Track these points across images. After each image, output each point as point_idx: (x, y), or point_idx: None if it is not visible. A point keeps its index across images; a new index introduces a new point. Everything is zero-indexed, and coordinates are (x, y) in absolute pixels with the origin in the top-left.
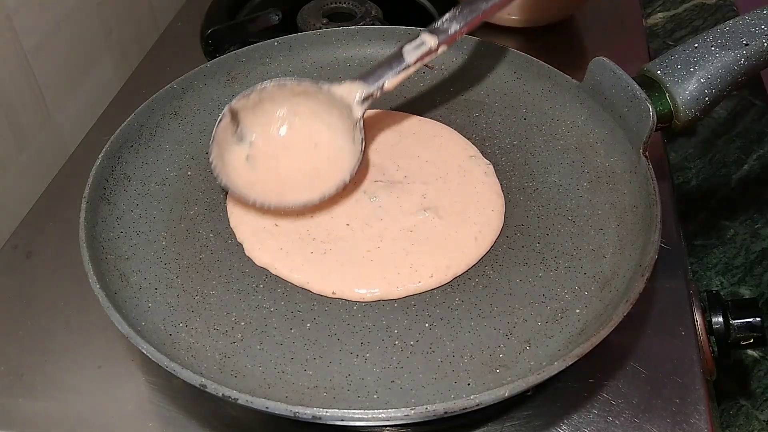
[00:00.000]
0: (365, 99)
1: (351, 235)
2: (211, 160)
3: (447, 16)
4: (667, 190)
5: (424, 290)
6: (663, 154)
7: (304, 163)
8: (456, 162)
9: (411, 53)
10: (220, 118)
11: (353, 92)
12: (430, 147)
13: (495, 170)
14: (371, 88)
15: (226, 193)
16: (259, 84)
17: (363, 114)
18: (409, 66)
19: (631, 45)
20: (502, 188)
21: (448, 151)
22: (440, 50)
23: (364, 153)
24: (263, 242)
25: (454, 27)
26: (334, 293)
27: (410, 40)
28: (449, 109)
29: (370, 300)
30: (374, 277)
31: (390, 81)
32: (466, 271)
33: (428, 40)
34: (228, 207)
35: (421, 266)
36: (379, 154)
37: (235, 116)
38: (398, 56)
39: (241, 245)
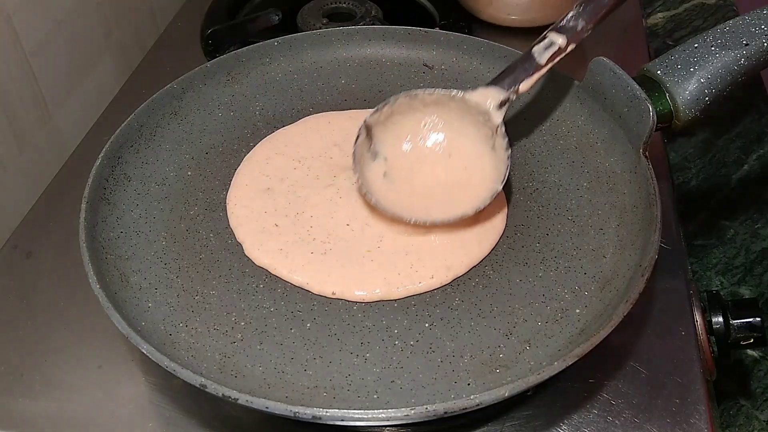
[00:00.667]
0: (502, 104)
1: (351, 235)
2: (357, 180)
3: (571, 13)
4: (667, 190)
5: (425, 291)
6: (663, 154)
7: (442, 176)
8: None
9: (542, 54)
10: (357, 135)
11: (488, 98)
12: None
13: None
14: (507, 92)
15: (226, 192)
16: (392, 96)
17: (503, 119)
18: (541, 67)
19: (631, 45)
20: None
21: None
22: (569, 48)
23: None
24: (263, 243)
25: (581, 23)
26: (333, 294)
27: (538, 42)
28: None
29: (371, 300)
30: (375, 278)
31: (524, 83)
32: (467, 271)
33: (557, 40)
34: (228, 207)
35: (421, 267)
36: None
37: (369, 132)
38: (529, 58)
39: (241, 245)
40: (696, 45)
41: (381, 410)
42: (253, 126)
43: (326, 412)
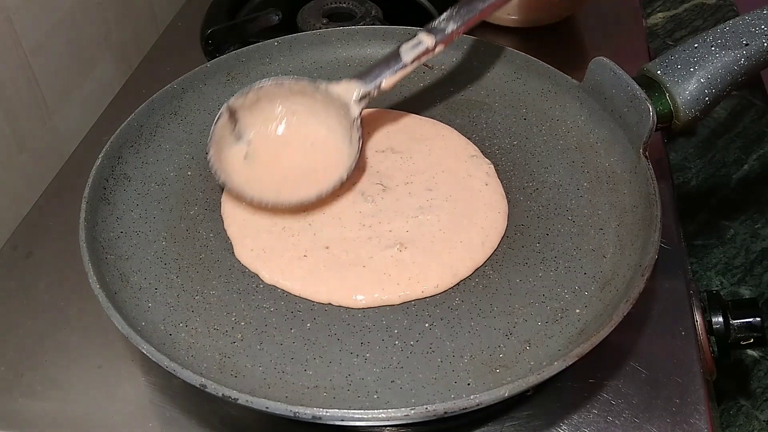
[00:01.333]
0: (362, 98)
1: (350, 240)
2: (209, 158)
3: (444, 15)
4: (667, 190)
5: (427, 296)
6: (663, 154)
7: (300, 162)
8: (458, 162)
9: (408, 53)
10: (217, 116)
11: (350, 91)
12: (431, 147)
13: (495, 170)
14: (368, 87)
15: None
16: (257, 82)
17: (360, 113)
18: (406, 65)
19: (631, 45)
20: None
21: (449, 151)
22: (437, 50)
23: (363, 153)
24: (261, 258)
25: (452, 27)
26: (330, 303)
27: (407, 40)
28: (449, 109)
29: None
30: (373, 288)
31: (387, 80)
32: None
33: (425, 40)
34: (223, 213)
35: (424, 279)
36: (379, 153)
37: (233, 115)
38: (395, 55)
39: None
40: (696, 45)
41: (381, 410)
42: None
43: (326, 412)
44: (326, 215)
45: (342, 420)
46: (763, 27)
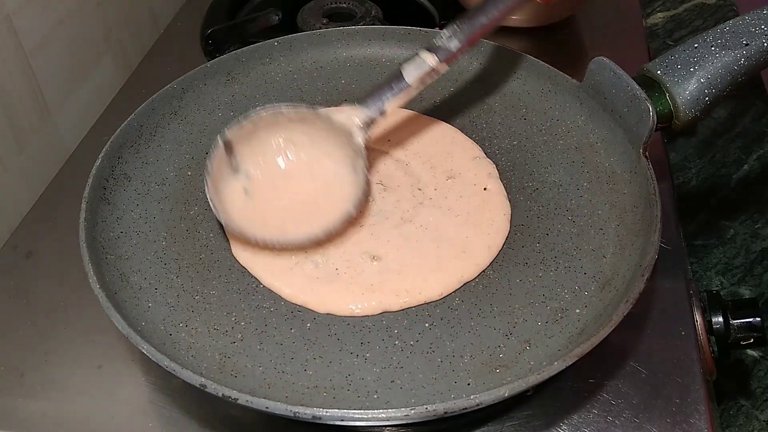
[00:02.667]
0: (366, 124)
1: (349, 242)
2: (207, 194)
3: (446, 32)
4: (667, 190)
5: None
6: (663, 154)
7: (302, 195)
8: (462, 164)
9: (411, 74)
10: (212, 149)
11: (353, 118)
12: (434, 147)
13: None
14: (371, 112)
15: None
16: (253, 112)
17: (365, 140)
18: (409, 87)
19: (631, 45)
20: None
21: (453, 152)
22: (441, 69)
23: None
24: (265, 264)
25: (454, 44)
26: (331, 314)
27: (409, 60)
28: (449, 109)
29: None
30: (371, 298)
31: (390, 103)
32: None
33: (428, 59)
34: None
35: (426, 288)
36: (379, 153)
37: (229, 147)
38: (398, 77)
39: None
40: (696, 45)
41: (381, 410)
42: None
43: (326, 412)
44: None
45: (342, 420)
46: (763, 27)
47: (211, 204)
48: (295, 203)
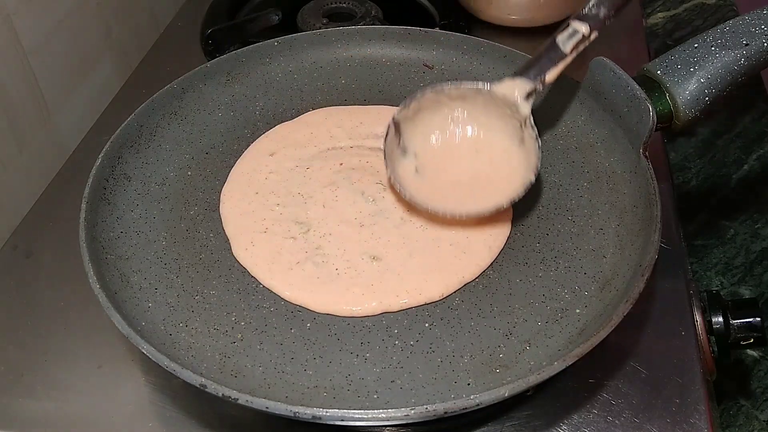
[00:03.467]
0: (529, 95)
1: (349, 244)
2: (389, 176)
3: (592, 1)
4: (667, 190)
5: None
6: (663, 154)
7: (470, 169)
8: None
9: (566, 43)
10: (385, 132)
11: (515, 90)
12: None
13: None
14: (533, 82)
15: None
16: (418, 91)
17: (530, 111)
18: (566, 56)
19: (631, 45)
20: None
21: None
22: (593, 36)
23: (361, 153)
24: (264, 264)
25: (603, 11)
26: (330, 314)
27: (561, 30)
28: None
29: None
30: (371, 299)
31: (551, 73)
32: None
33: (580, 28)
34: (221, 212)
35: (427, 290)
36: (379, 152)
37: (397, 128)
38: (554, 47)
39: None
40: (696, 45)
41: (381, 410)
42: (253, 126)
43: (326, 412)
44: (325, 215)
45: (342, 420)
46: (763, 27)
47: (394, 185)
48: (467, 177)
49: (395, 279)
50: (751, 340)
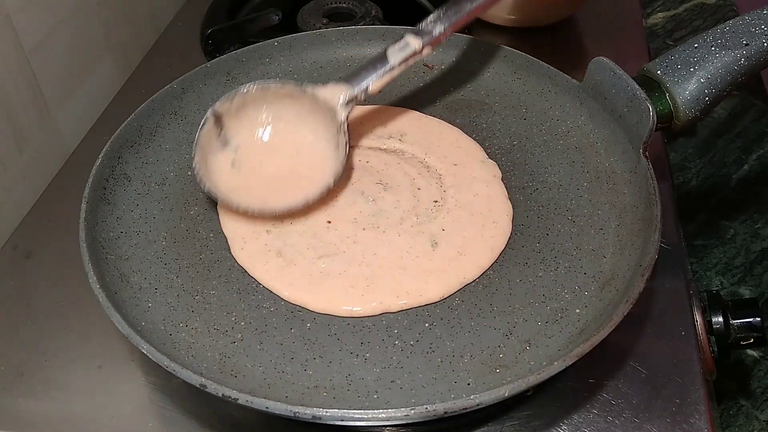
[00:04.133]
0: (349, 102)
1: (348, 245)
2: (194, 165)
3: (432, 17)
4: (667, 190)
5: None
6: (663, 154)
7: (287, 168)
8: (465, 165)
9: (395, 55)
10: (203, 122)
11: (336, 95)
12: (437, 147)
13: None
14: (354, 90)
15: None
16: (242, 87)
17: (347, 117)
18: (393, 68)
19: (631, 45)
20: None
21: (456, 153)
22: (425, 52)
23: (353, 152)
24: (264, 264)
25: (439, 28)
26: (330, 314)
27: (394, 42)
28: (449, 109)
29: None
30: (377, 298)
31: (374, 83)
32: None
33: (412, 42)
34: (221, 212)
35: (427, 290)
36: (380, 151)
37: (218, 120)
38: (382, 58)
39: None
40: (696, 45)
41: (381, 410)
42: None
43: (326, 412)
44: (325, 215)
45: (342, 420)
46: (763, 27)
47: (197, 176)
48: (279, 176)
49: (395, 279)
50: (751, 340)
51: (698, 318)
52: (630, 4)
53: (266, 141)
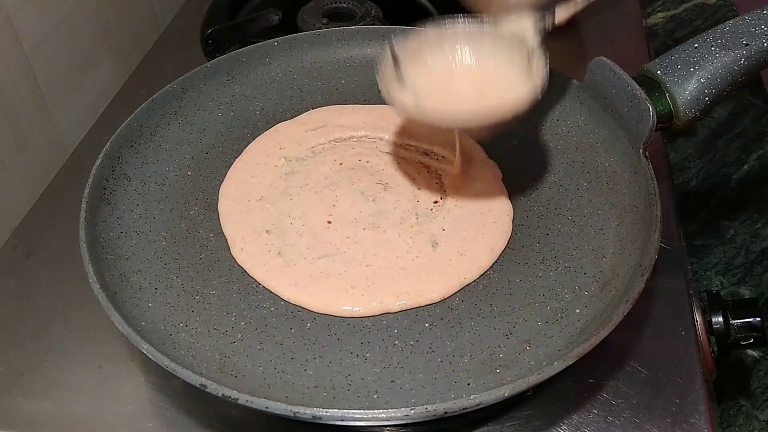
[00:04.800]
0: (538, 31)
1: (348, 245)
2: (381, 90)
3: None
4: (667, 190)
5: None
6: (663, 154)
7: (472, 91)
8: (466, 165)
9: None
10: (382, 58)
11: (523, 24)
12: (437, 147)
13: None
14: (542, 16)
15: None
16: (419, 27)
17: (539, 42)
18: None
19: (631, 45)
20: None
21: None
22: None
23: (361, 153)
24: (264, 264)
25: None
26: (330, 314)
27: None
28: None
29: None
30: (377, 299)
31: (560, 11)
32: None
33: None
34: (220, 212)
35: (426, 291)
36: (379, 152)
37: (396, 60)
38: None
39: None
40: (696, 45)
41: (381, 410)
42: (253, 126)
43: (326, 412)
44: (325, 215)
45: (342, 420)
46: (763, 27)
47: (387, 99)
48: (468, 98)
49: (395, 280)
50: (751, 340)
51: (698, 318)
52: (630, 4)
53: (444, 84)
